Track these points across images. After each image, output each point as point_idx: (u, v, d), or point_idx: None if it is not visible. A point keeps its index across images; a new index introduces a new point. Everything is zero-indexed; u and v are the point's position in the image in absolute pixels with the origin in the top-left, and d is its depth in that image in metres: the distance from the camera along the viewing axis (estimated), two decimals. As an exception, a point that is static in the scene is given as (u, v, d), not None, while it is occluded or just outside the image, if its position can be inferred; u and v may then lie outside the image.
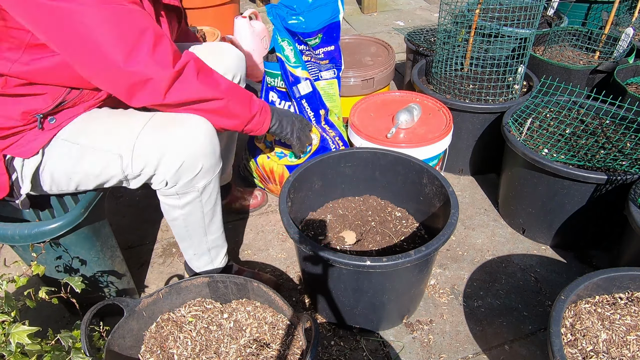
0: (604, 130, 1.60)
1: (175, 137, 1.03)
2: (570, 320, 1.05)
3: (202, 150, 1.06)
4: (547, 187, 1.47)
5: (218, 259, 1.34)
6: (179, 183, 1.08)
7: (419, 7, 3.95)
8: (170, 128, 1.04)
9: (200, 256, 1.30)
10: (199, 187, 1.11)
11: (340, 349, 1.30)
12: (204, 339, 1.11)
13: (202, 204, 1.16)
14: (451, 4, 1.77)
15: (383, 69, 1.90)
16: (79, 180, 1.08)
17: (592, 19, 2.58)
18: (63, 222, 1.08)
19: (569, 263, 1.57)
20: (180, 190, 1.10)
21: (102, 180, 1.08)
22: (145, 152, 1.03)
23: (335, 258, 1.07)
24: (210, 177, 1.12)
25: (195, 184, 1.10)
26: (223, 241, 1.33)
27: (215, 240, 1.29)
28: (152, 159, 1.03)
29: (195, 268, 1.34)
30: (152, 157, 1.03)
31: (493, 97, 1.79)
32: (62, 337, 0.95)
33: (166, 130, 1.03)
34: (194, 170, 1.07)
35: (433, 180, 1.35)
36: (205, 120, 1.08)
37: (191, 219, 1.19)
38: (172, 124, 1.04)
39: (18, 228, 1.07)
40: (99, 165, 1.05)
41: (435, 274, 1.53)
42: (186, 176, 1.07)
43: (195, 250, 1.28)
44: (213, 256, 1.32)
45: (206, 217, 1.21)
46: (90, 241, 1.19)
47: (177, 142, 1.03)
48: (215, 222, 1.25)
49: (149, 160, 1.03)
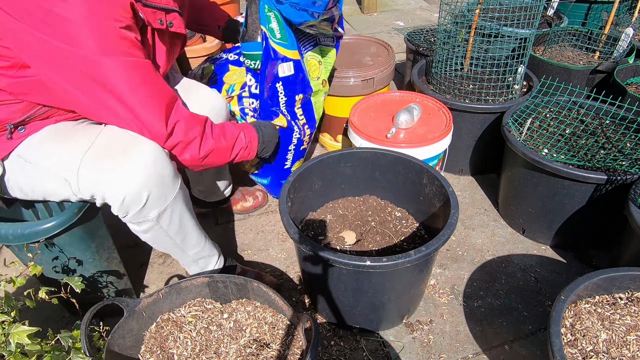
0: (604, 130, 1.60)
1: (115, 171, 0.98)
2: (570, 320, 1.05)
3: (145, 183, 0.99)
4: (547, 187, 1.47)
5: (209, 266, 1.33)
6: (128, 214, 1.03)
7: (419, 7, 3.95)
8: (111, 159, 0.98)
9: (188, 265, 1.30)
10: (151, 216, 1.06)
11: (340, 349, 1.30)
12: (204, 339, 1.11)
13: (164, 230, 1.11)
14: (451, 4, 1.77)
15: (383, 69, 1.90)
16: (42, 194, 1.06)
17: (592, 19, 2.58)
18: (56, 222, 1.08)
19: (569, 263, 1.57)
20: (134, 220, 1.06)
21: (62, 198, 1.05)
22: (88, 184, 0.99)
23: (335, 258, 1.07)
24: (162, 205, 1.06)
25: (146, 214, 1.05)
26: (210, 251, 1.30)
27: (197, 253, 1.26)
28: (95, 191, 1.00)
29: (189, 272, 1.35)
30: (95, 190, 0.99)
31: (493, 97, 1.79)
32: (62, 337, 0.95)
33: (107, 161, 0.98)
34: (140, 203, 1.01)
35: (433, 180, 1.35)
36: (154, 148, 1.01)
37: (159, 241, 1.15)
38: (115, 152, 0.99)
39: (12, 228, 1.06)
40: (52, 185, 1.02)
41: (435, 274, 1.53)
42: (133, 209, 1.02)
43: (182, 261, 1.28)
44: (202, 266, 1.31)
45: (176, 239, 1.17)
46: (85, 242, 1.18)
47: (117, 177, 0.98)
48: (190, 241, 1.21)
49: (93, 192, 1.00)
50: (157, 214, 1.06)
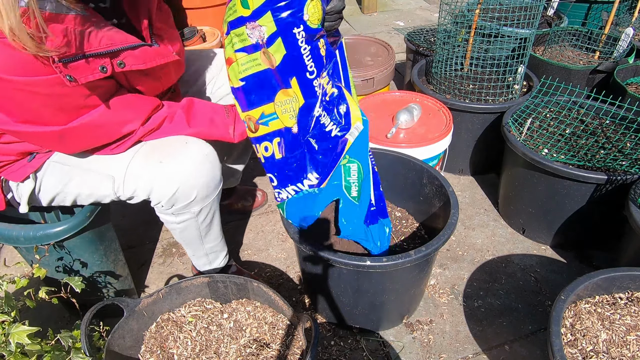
0: (604, 130, 1.60)
1: (167, 170, 1.02)
2: (570, 320, 1.05)
3: (196, 182, 1.05)
4: (547, 187, 1.47)
5: (217, 261, 1.35)
6: (173, 207, 1.08)
7: (419, 7, 3.95)
8: (163, 159, 1.02)
9: (198, 258, 1.32)
10: (194, 210, 1.12)
11: (340, 349, 1.30)
12: (204, 339, 1.11)
13: (197, 223, 1.17)
14: (451, 4, 1.77)
15: (383, 69, 1.90)
16: (74, 199, 1.09)
17: (592, 19, 2.58)
18: (69, 226, 1.09)
19: (569, 263, 1.56)
20: (176, 212, 1.11)
21: (95, 199, 1.09)
22: (136, 181, 1.03)
23: (335, 258, 1.07)
24: (206, 202, 1.12)
25: (190, 208, 1.10)
26: (222, 246, 1.34)
27: (213, 247, 1.30)
28: (143, 187, 1.03)
29: (195, 265, 1.36)
30: (143, 186, 1.03)
31: (493, 97, 1.79)
32: (62, 337, 0.95)
33: (159, 161, 1.02)
34: (189, 198, 1.07)
35: (433, 180, 1.35)
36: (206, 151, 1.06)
37: (187, 232, 1.19)
38: (166, 154, 1.03)
39: (23, 230, 1.07)
40: (91, 185, 1.05)
41: (435, 274, 1.53)
42: (180, 203, 1.07)
43: (193, 253, 1.30)
44: (212, 259, 1.33)
45: (202, 232, 1.21)
46: (94, 244, 1.19)
47: (169, 175, 1.02)
48: (212, 234, 1.25)
49: (140, 187, 1.04)
50: (199, 209, 1.12)
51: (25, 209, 1.07)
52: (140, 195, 1.06)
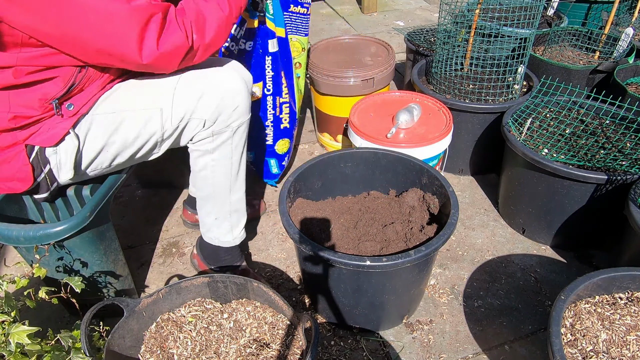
0: (604, 130, 1.60)
1: (212, 79, 1.13)
2: (570, 320, 1.05)
3: (238, 88, 1.15)
4: (547, 187, 1.47)
5: (238, 227, 1.37)
6: (218, 119, 1.15)
7: (419, 7, 3.95)
8: (204, 76, 1.13)
9: (221, 221, 1.33)
10: (233, 126, 1.18)
11: (340, 349, 1.30)
12: (204, 339, 1.11)
13: (232, 148, 1.22)
14: (451, 4, 1.77)
15: (383, 69, 1.90)
16: (117, 151, 1.12)
17: (592, 19, 2.58)
18: (69, 225, 1.08)
19: (569, 263, 1.57)
20: (216, 129, 1.16)
21: (140, 143, 1.12)
22: (185, 98, 1.10)
23: (335, 258, 1.07)
24: (244, 118, 1.20)
25: (231, 122, 1.17)
26: (244, 208, 1.36)
27: (238, 201, 1.32)
28: (191, 102, 1.11)
29: (214, 239, 1.36)
30: (191, 101, 1.11)
31: (493, 97, 1.79)
32: (62, 337, 0.95)
33: (201, 77, 1.13)
34: (232, 106, 1.15)
35: (433, 180, 1.36)
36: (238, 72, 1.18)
37: (219, 169, 1.23)
38: (205, 73, 1.14)
39: (23, 229, 1.07)
40: (139, 124, 1.09)
41: (435, 274, 1.53)
42: (225, 112, 1.14)
43: (217, 214, 1.31)
44: (234, 222, 1.35)
45: (233, 168, 1.25)
46: (94, 244, 1.19)
47: (214, 83, 1.12)
48: (240, 178, 1.30)
49: (188, 106, 1.11)
50: (237, 126, 1.19)
51: (71, 174, 1.07)
52: (186, 117, 1.12)
